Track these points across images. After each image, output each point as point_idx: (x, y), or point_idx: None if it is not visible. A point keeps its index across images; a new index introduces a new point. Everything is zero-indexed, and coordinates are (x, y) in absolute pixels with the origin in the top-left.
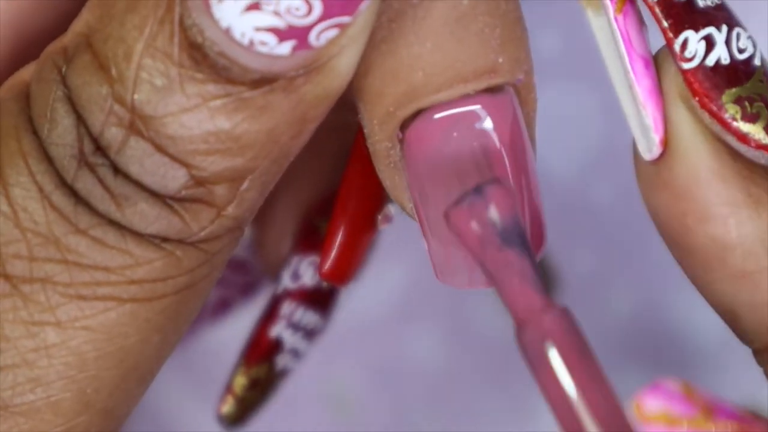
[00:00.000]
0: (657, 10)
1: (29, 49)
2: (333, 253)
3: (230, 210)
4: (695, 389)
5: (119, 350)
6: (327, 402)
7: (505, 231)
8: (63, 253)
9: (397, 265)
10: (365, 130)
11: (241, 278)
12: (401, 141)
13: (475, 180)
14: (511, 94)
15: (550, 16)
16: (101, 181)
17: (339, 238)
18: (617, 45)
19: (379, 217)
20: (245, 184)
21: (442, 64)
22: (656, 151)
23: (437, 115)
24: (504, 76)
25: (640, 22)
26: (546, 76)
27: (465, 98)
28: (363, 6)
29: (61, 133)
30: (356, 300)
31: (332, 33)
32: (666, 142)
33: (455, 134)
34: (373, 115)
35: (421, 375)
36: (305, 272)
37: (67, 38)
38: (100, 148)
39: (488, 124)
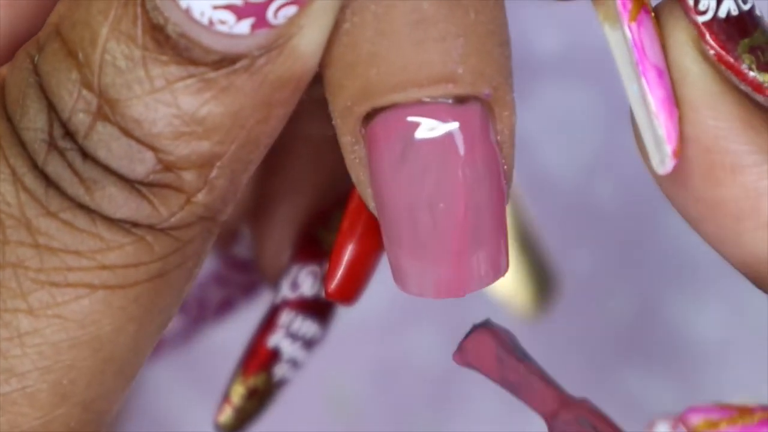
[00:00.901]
0: None
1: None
2: (339, 272)
3: (200, 197)
4: (728, 404)
5: (94, 339)
6: (327, 403)
7: (516, 345)
8: (34, 236)
9: None
10: (333, 123)
11: (244, 278)
12: (364, 138)
13: (432, 199)
14: (477, 108)
15: (550, 16)
16: (70, 165)
17: (346, 257)
18: (630, 53)
19: None
20: (214, 172)
21: (397, 65)
22: (669, 163)
23: (393, 117)
24: (464, 88)
25: (656, 32)
26: (546, 76)
27: (425, 105)
28: None
29: (32, 118)
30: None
31: (291, 10)
32: (683, 101)
33: (412, 139)
34: (335, 108)
35: (421, 375)
36: (304, 282)
37: (41, 30)
38: (69, 133)
39: (446, 133)
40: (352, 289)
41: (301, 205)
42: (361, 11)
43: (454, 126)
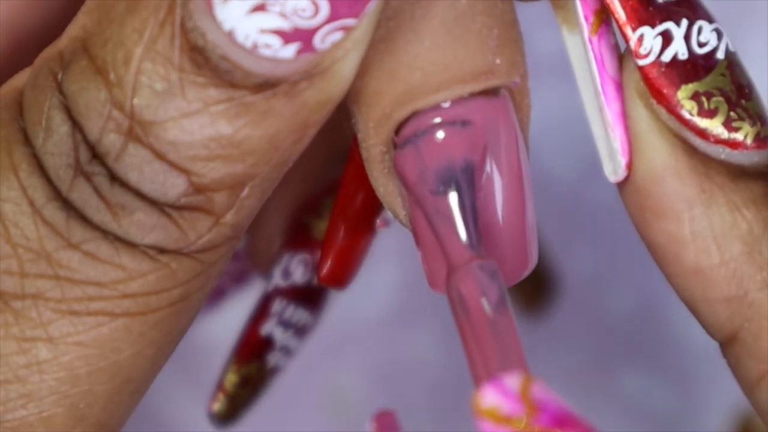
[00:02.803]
0: (614, 6)
1: (24, 51)
2: (331, 257)
3: (228, 217)
4: (532, 385)
5: (112, 365)
6: (326, 402)
7: (440, 174)
8: (55, 269)
9: (397, 265)
10: (359, 135)
11: (234, 266)
12: (396, 145)
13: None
14: (507, 99)
15: (549, 16)
16: (97, 191)
17: (337, 242)
18: (590, 66)
19: (377, 220)
20: (245, 191)
21: (440, 64)
22: (621, 174)
23: (435, 119)
24: (501, 78)
25: (615, 45)
26: (546, 76)
27: (461, 101)
28: (369, 7)
29: (57, 142)
30: (356, 300)
31: (337, 36)
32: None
33: (450, 138)
34: (369, 118)
35: (420, 375)
36: (296, 270)
37: (63, 43)
38: (97, 156)
39: (483, 128)
40: (343, 273)
41: (291, 193)
42: (398, 15)
43: (490, 122)
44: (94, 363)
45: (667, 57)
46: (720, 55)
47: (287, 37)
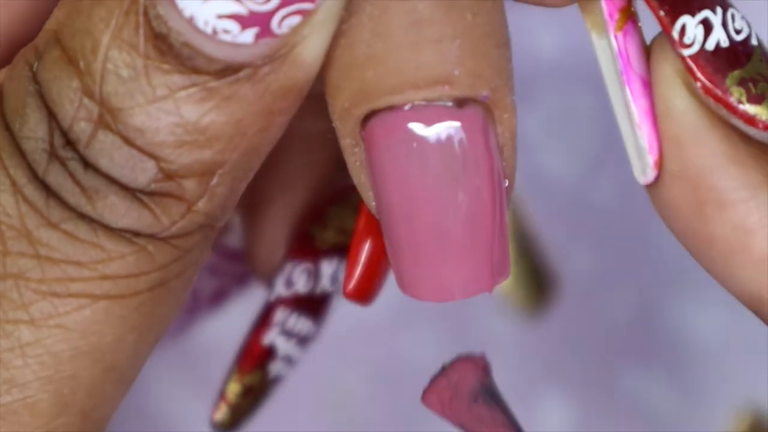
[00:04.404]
0: None
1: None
2: (357, 272)
3: (201, 205)
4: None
5: (95, 349)
6: (327, 403)
7: (473, 392)
8: (35, 247)
9: None
10: (333, 125)
11: (237, 267)
12: (363, 140)
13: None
14: (476, 111)
15: (550, 16)
16: (71, 175)
17: (363, 257)
18: (615, 63)
19: None
20: (215, 179)
21: (394, 67)
22: (651, 174)
23: (391, 119)
24: (461, 90)
25: (642, 44)
26: (546, 76)
27: (423, 107)
28: None
29: (33, 128)
30: None
31: (295, 20)
32: (667, 136)
33: (411, 142)
34: (333, 110)
35: (421, 375)
36: (298, 279)
37: (39, 36)
38: (70, 142)
39: (446, 137)
40: (369, 288)
41: (294, 202)
42: (358, 13)
43: (453, 128)
44: (76, 346)
45: (710, 45)
46: (754, 41)
47: (244, 21)
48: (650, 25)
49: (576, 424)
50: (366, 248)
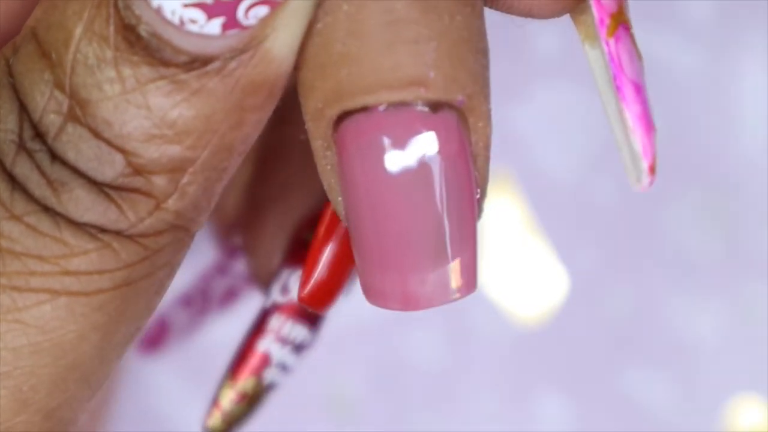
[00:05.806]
0: None
1: None
2: (313, 278)
3: (171, 203)
4: None
5: (55, 346)
6: (326, 403)
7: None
8: None
9: None
10: (305, 126)
11: (246, 268)
12: (335, 143)
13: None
14: (451, 117)
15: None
16: (38, 167)
17: (321, 263)
18: (606, 68)
19: None
20: (186, 177)
21: (368, 67)
22: (645, 180)
23: (364, 121)
24: (436, 93)
25: (635, 50)
26: (546, 76)
27: (397, 110)
28: None
29: (3, 119)
30: (356, 300)
31: (261, 11)
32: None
33: (382, 146)
34: (306, 111)
35: (420, 375)
36: (294, 286)
37: (19, 34)
38: (38, 135)
39: (418, 142)
40: (324, 296)
41: (291, 209)
42: (333, 11)
43: (427, 134)
44: (36, 342)
45: None
46: None
47: (210, 10)
48: (644, 32)
49: (576, 424)
50: (325, 254)
